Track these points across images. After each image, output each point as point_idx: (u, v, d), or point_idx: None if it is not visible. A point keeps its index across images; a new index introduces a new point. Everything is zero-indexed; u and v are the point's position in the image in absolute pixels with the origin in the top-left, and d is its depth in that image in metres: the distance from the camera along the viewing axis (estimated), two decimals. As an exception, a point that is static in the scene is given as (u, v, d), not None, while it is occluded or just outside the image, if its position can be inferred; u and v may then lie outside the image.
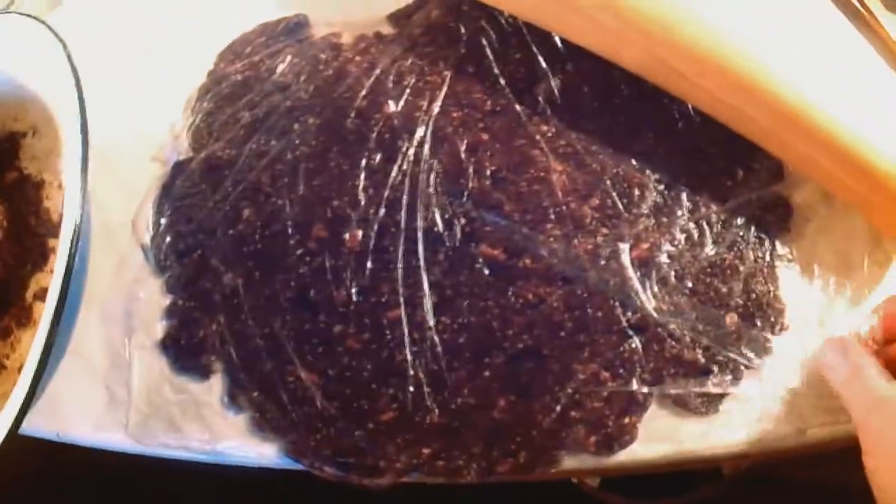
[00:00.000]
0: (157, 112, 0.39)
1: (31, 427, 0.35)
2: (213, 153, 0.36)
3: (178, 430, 0.34)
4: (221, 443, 0.34)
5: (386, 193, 0.34)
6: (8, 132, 0.40)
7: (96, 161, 0.38)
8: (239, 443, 0.34)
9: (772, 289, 0.33)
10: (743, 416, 0.32)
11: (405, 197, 0.34)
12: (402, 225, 0.34)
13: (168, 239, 0.36)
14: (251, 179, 0.36)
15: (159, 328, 0.35)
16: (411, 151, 0.35)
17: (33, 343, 0.31)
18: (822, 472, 0.39)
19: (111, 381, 0.35)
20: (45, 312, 0.31)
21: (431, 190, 0.34)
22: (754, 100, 0.33)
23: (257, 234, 0.35)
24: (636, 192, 0.35)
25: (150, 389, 0.35)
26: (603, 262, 0.33)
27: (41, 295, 0.36)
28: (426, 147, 0.35)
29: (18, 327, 0.36)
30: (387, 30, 0.38)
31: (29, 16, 0.37)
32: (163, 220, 0.36)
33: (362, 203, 0.34)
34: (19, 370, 0.35)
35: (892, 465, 0.26)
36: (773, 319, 0.33)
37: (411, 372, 0.32)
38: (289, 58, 0.37)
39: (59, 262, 0.32)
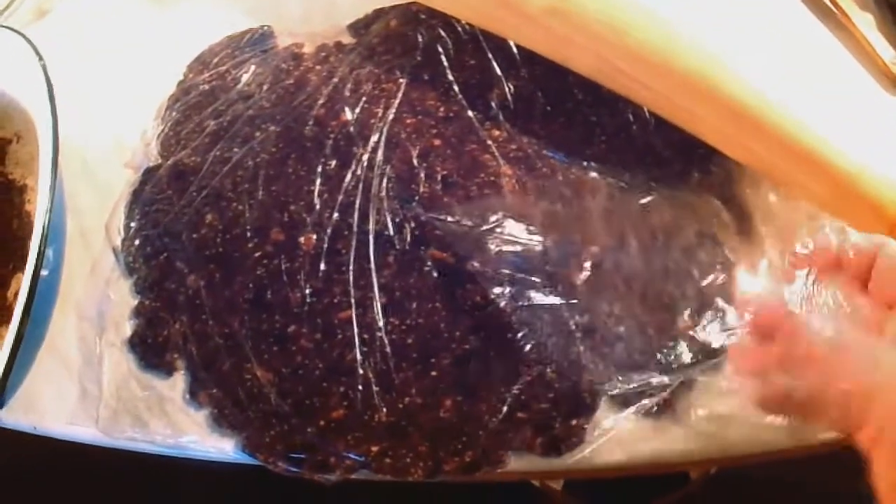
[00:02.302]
0: (132, 120, 0.41)
1: (10, 421, 0.37)
2: (180, 160, 0.38)
3: (143, 424, 0.36)
4: (183, 437, 0.35)
5: (340, 198, 0.36)
6: None
7: (75, 167, 0.41)
8: (199, 438, 0.35)
9: (726, 288, 0.33)
10: (697, 420, 0.32)
11: (358, 201, 0.35)
12: (355, 228, 0.35)
13: (137, 242, 0.37)
14: (214, 185, 0.37)
15: (128, 327, 0.37)
16: (365, 157, 0.36)
17: (6, 335, 0.33)
18: (781, 469, 0.38)
19: (84, 378, 0.37)
20: (16, 305, 0.33)
21: (383, 194, 0.35)
22: (708, 101, 0.33)
23: (219, 238, 0.36)
24: (588, 195, 0.35)
25: (118, 385, 0.36)
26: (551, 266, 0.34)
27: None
28: (380, 153, 0.36)
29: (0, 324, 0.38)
30: (347, 39, 0.39)
31: (11, 29, 0.39)
32: (132, 225, 0.38)
33: (317, 207, 0.36)
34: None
35: None
36: (726, 319, 0.33)
37: (361, 371, 0.33)
38: (252, 68, 0.39)
39: (30, 257, 0.33)
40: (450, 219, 0.35)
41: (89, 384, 0.37)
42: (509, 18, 0.35)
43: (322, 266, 0.35)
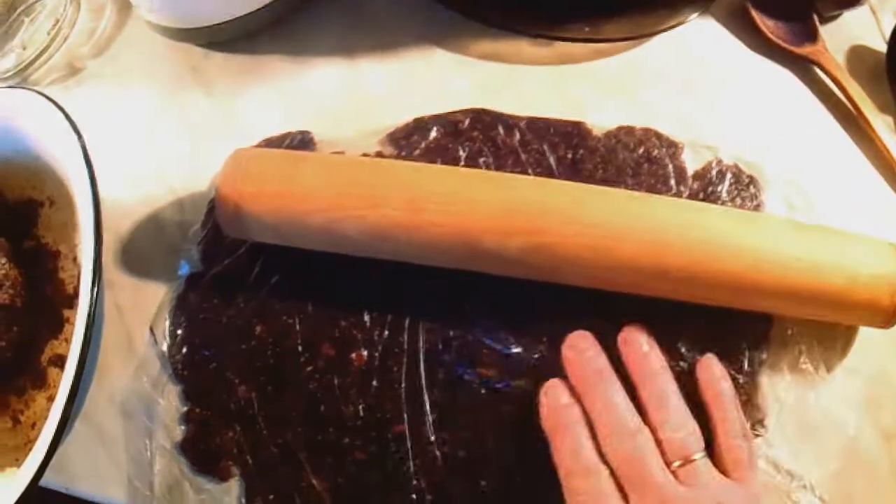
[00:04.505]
0: (168, 198, 0.42)
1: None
2: (225, 269, 0.38)
3: (199, 525, 0.37)
4: (240, 541, 0.37)
5: (390, 316, 0.37)
6: (27, 199, 0.42)
7: (107, 238, 0.40)
8: (258, 542, 0.37)
9: (751, 398, 0.36)
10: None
11: (407, 320, 0.37)
12: (405, 346, 0.37)
13: (184, 350, 0.38)
14: (261, 297, 0.38)
15: (178, 432, 0.38)
16: (413, 274, 0.37)
17: (50, 415, 0.33)
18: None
19: (133, 478, 0.38)
20: (61, 383, 0.33)
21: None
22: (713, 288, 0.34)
23: (269, 350, 0.37)
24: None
25: (171, 487, 0.38)
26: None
27: (55, 361, 0.39)
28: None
29: (33, 388, 0.39)
30: (388, 150, 0.39)
31: (41, 94, 0.37)
32: (179, 332, 0.38)
33: (368, 324, 0.37)
34: (32, 426, 0.38)
35: None
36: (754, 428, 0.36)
37: (414, 482, 0.36)
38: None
39: (74, 337, 0.33)
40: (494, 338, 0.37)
41: (139, 483, 0.38)
42: (487, 264, 0.35)
43: (374, 382, 0.37)
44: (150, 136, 0.44)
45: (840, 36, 0.44)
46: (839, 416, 0.38)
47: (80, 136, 0.35)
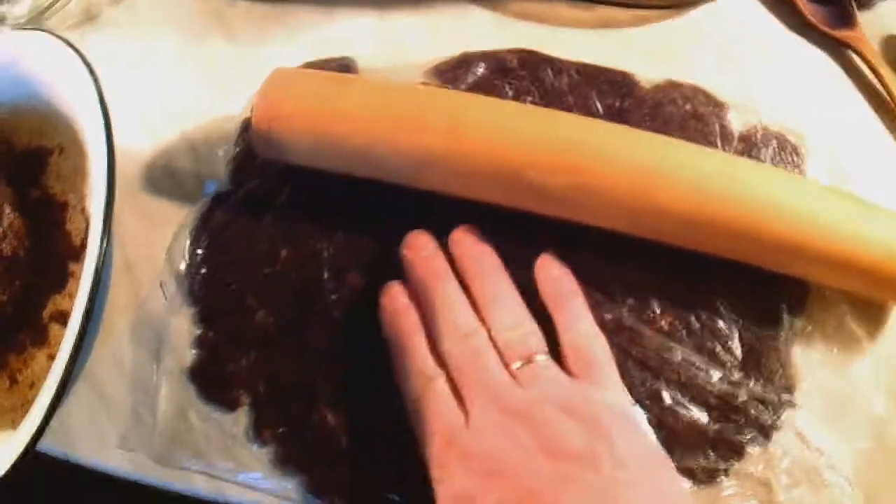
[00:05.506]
0: (188, 145, 0.40)
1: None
2: (254, 189, 0.37)
3: (201, 456, 0.35)
4: (245, 473, 0.35)
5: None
6: (35, 147, 0.39)
7: (119, 191, 0.39)
8: (261, 475, 0.35)
9: (784, 367, 0.35)
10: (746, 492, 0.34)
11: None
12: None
13: (203, 270, 0.36)
14: (290, 220, 0.36)
15: (188, 356, 0.36)
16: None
17: (49, 374, 0.31)
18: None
19: (137, 403, 0.36)
20: (61, 352, 0.31)
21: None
22: (750, 244, 0.33)
23: (293, 275, 0.36)
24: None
25: (176, 414, 0.36)
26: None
27: (57, 317, 0.37)
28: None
29: (32, 345, 0.37)
30: (433, 82, 0.39)
31: (55, 35, 0.35)
32: (199, 251, 0.37)
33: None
34: (31, 386, 0.36)
35: None
36: (782, 397, 0.35)
37: (435, 424, 0.34)
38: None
39: (79, 297, 0.31)
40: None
41: (142, 409, 0.36)
42: (528, 200, 0.34)
43: (402, 315, 0.35)
44: (168, 85, 0.42)
45: (875, 24, 0.44)
46: (869, 397, 0.37)
47: (95, 79, 0.34)
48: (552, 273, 0.34)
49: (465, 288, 0.33)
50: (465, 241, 0.33)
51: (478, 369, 0.30)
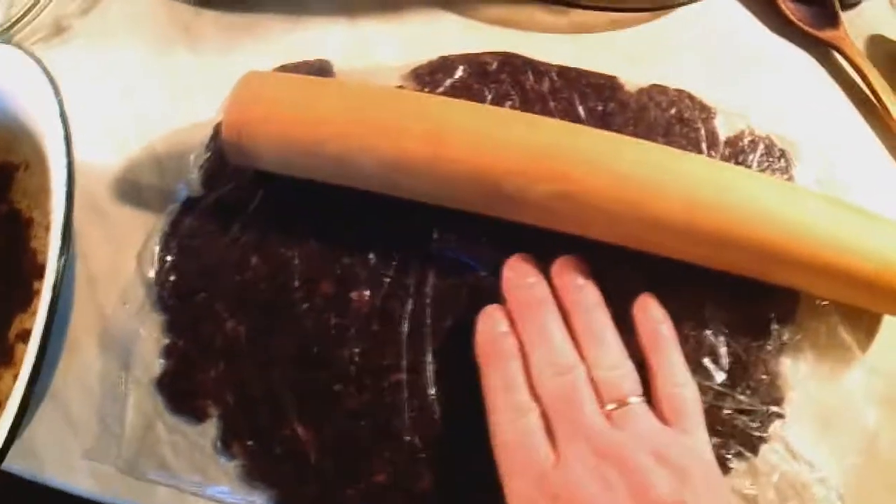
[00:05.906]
0: (153, 158, 0.39)
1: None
2: (225, 195, 0.36)
3: (168, 468, 0.34)
4: (212, 487, 0.34)
5: (397, 257, 0.35)
6: (2, 162, 0.38)
7: (83, 205, 0.38)
8: (229, 489, 0.34)
9: (772, 378, 0.34)
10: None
11: (416, 261, 0.34)
12: (412, 290, 0.34)
13: (172, 277, 0.35)
14: (261, 228, 0.35)
15: (157, 366, 0.35)
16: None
17: (13, 392, 0.30)
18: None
19: (105, 413, 0.35)
20: (25, 359, 0.30)
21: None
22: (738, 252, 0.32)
23: (263, 284, 0.35)
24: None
25: (143, 425, 0.35)
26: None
27: (23, 336, 0.35)
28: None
29: None
30: (410, 86, 0.38)
31: (22, 49, 0.34)
32: (168, 258, 0.36)
33: (372, 263, 0.35)
34: None
35: None
36: (769, 409, 0.34)
37: (407, 437, 0.33)
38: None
39: (39, 314, 0.30)
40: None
41: (110, 420, 0.35)
42: (509, 209, 0.33)
43: (374, 326, 0.34)
44: (134, 98, 0.41)
45: (859, 24, 0.43)
46: (860, 409, 0.36)
47: (57, 92, 0.33)
48: (653, 314, 0.33)
49: (565, 319, 0.32)
50: (568, 272, 0.32)
51: (573, 408, 0.29)
